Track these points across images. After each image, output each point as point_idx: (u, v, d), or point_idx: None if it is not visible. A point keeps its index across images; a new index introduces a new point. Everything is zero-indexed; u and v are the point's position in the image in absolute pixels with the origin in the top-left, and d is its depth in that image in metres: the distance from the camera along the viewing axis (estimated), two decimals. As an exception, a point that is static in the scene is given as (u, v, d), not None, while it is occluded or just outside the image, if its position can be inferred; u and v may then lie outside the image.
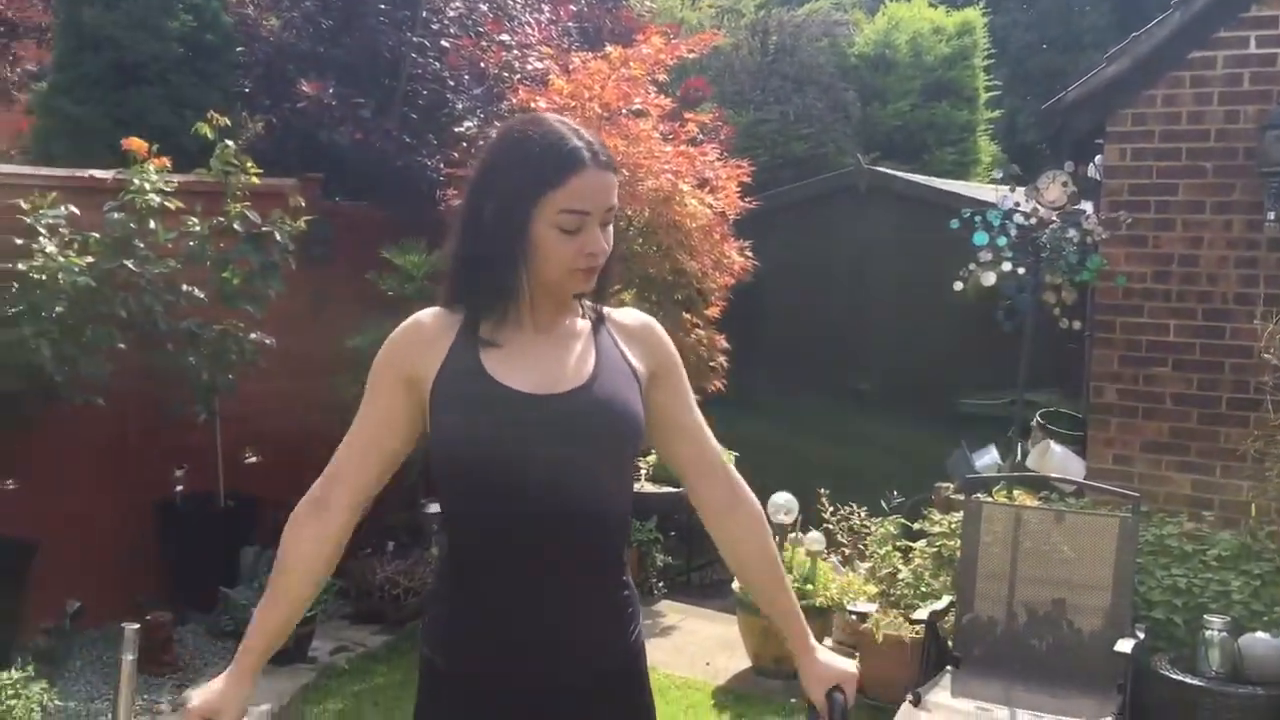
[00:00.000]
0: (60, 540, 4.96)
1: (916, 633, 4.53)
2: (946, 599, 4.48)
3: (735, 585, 5.16)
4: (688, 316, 6.31)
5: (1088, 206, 5.85)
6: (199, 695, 1.84)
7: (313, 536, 1.91)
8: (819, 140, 9.77)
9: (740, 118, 9.10)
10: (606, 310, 2.01)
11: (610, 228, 1.88)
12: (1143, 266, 5.74)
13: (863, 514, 5.62)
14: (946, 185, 8.22)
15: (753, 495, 2.11)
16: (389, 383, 1.92)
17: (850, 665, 2.03)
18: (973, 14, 11.45)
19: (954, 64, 11.06)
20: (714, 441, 2.10)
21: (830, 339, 7.56)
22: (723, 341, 6.39)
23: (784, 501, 5.11)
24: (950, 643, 4.42)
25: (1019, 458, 6.25)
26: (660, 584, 6.29)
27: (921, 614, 4.25)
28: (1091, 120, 6.03)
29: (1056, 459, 5.91)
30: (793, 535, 5.17)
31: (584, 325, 1.98)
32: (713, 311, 6.49)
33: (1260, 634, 4.01)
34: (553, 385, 1.87)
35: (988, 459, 6.54)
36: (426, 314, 1.97)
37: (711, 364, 6.31)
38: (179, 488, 5.53)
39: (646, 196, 5.72)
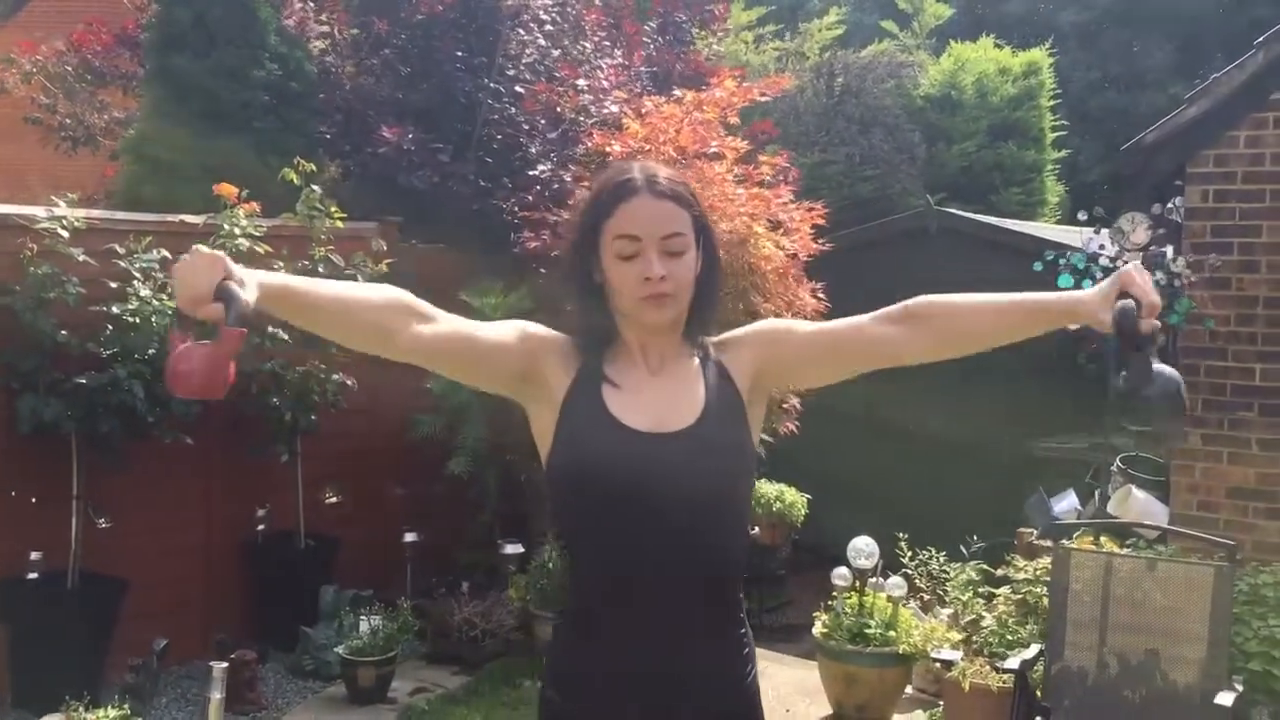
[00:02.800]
0: (148, 578, 5.04)
1: (1004, 682, 4.45)
2: (1035, 648, 4.41)
3: (815, 630, 5.12)
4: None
5: (1168, 249, 5.78)
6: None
7: (405, 312, 1.86)
8: (884, 182, 9.77)
9: (805, 159, 9.13)
10: (712, 340, 2.04)
11: (686, 259, 1.89)
12: (1226, 309, 5.65)
13: (942, 559, 5.54)
14: (1016, 225, 8.17)
15: (906, 302, 2.00)
16: (525, 346, 1.94)
17: (1135, 270, 1.72)
18: (1038, 54, 11.42)
19: (1020, 104, 11.02)
20: (850, 320, 2.03)
21: (902, 381, 7.50)
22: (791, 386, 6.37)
23: (864, 545, 5.08)
24: (1039, 693, 4.34)
25: (1100, 503, 6.16)
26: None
27: (1012, 663, 4.18)
28: (1172, 161, 5.97)
29: (1139, 504, 5.81)
30: (873, 580, 5.12)
31: (695, 364, 2.00)
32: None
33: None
34: (665, 424, 1.90)
35: (1066, 504, 6.46)
36: (563, 336, 2.01)
37: (784, 405, 6.29)
38: (261, 527, 5.60)
39: (722, 239, 5.72)
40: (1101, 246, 5.57)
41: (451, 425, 5.82)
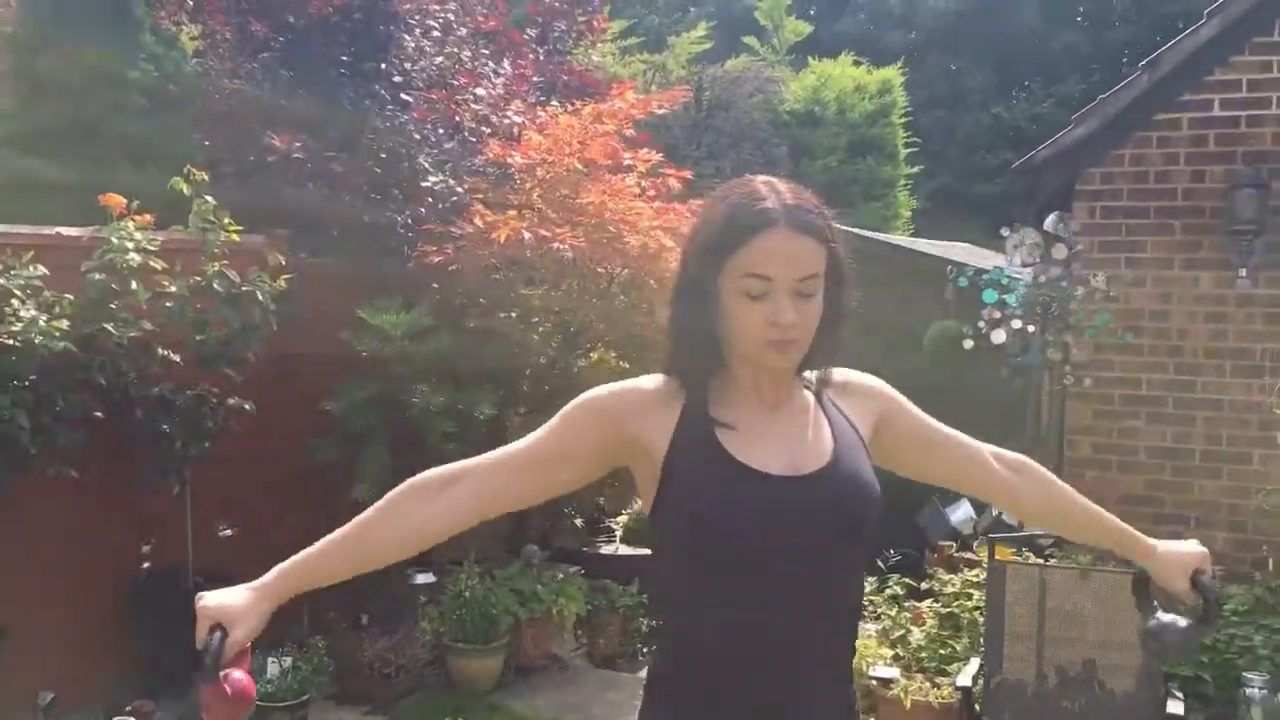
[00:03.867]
0: (28, 624, 4.58)
1: (945, 698, 4.47)
2: (975, 662, 4.44)
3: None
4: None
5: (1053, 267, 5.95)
6: (214, 598, 1.68)
7: (420, 492, 1.76)
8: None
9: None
10: (821, 378, 1.91)
11: (817, 299, 1.73)
12: (1114, 322, 5.86)
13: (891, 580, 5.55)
14: (896, 240, 8.33)
15: (1020, 455, 2.07)
16: (588, 425, 1.78)
17: (1199, 546, 2.01)
18: (891, 72, 11.74)
19: (876, 121, 11.30)
20: (965, 437, 2.02)
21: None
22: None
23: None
24: (978, 706, 4.37)
25: (995, 512, 6.30)
26: (645, 650, 6.12)
27: (964, 679, 4.19)
28: (1061, 179, 6.17)
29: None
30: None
31: (810, 398, 1.87)
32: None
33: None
34: (797, 466, 1.76)
35: (962, 513, 6.59)
36: (647, 380, 1.84)
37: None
38: (146, 565, 5.17)
39: (633, 253, 5.62)
40: (1026, 263, 5.69)
41: (352, 450, 5.52)
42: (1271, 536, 4.87)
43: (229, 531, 5.35)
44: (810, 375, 1.89)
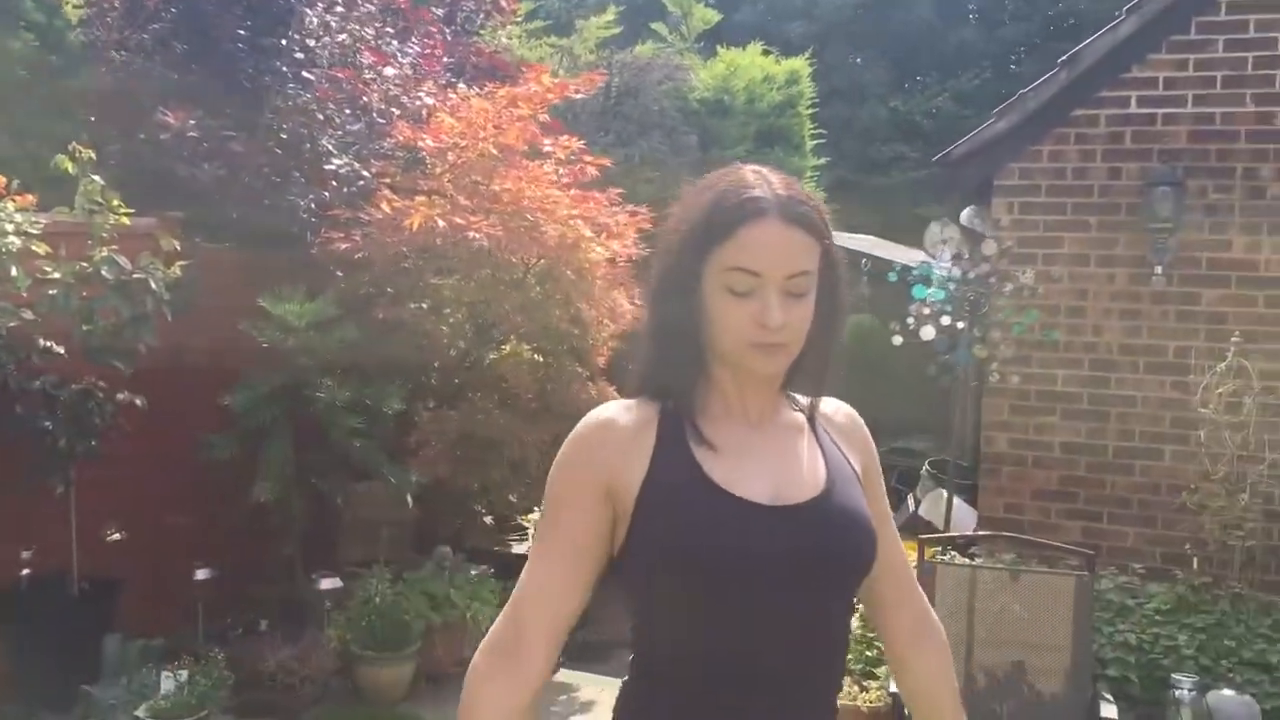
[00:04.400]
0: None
1: (874, 702, 4.38)
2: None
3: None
4: (580, 370, 6.03)
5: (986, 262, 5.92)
6: None
7: (502, 697, 1.59)
8: (664, 184, 9.66)
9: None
10: (811, 401, 1.74)
11: (808, 300, 1.57)
12: (1023, 317, 5.84)
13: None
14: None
15: (936, 617, 1.88)
16: (591, 492, 1.59)
17: None
18: (799, 63, 11.69)
19: (784, 111, 11.23)
20: (905, 554, 1.86)
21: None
22: (614, 393, 6.12)
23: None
24: (908, 710, 4.29)
25: (913, 507, 6.27)
26: (560, 656, 5.93)
27: (894, 684, 4.09)
28: (980, 174, 6.14)
29: (958, 511, 5.94)
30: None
31: (798, 418, 1.70)
32: (599, 361, 6.23)
33: (1226, 691, 4.07)
34: (788, 494, 1.59)
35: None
36: (614, 409, 1.65)
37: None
38: (25, 571, 4.80)
39: (550, 243, 5.42)
40: (955, 256, 5.63)
41: (252, 446, 5.21)
42: (1195, 534, 4.88)
43: (118, 535, 5.02)
44: (800, 397, 1.73)
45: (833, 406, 1.77)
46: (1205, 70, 5.69)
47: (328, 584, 5.12)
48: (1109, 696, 4.08)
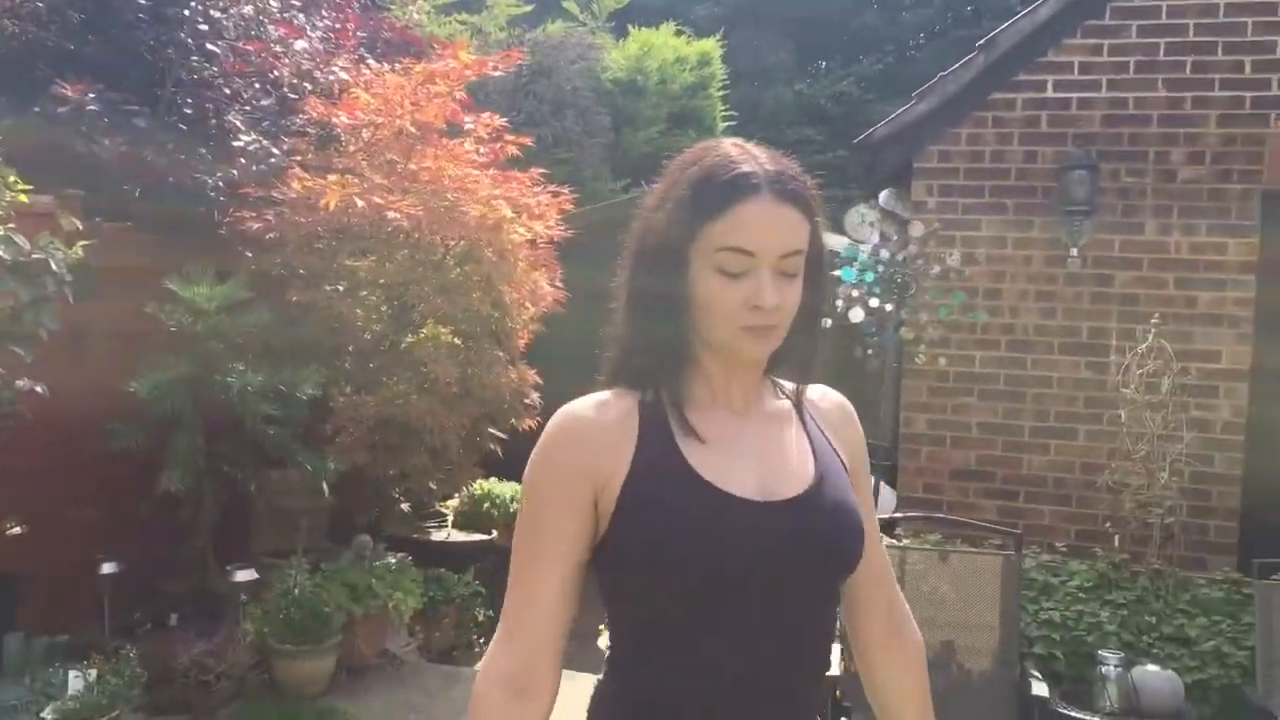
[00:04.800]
0: None
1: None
2: (836, 648, 4.35)
3: (601, 642, 4.81)
4: (501, 354, 5.91)
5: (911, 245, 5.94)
6: None
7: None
8: (577, 165, 9.57)
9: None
10: (797, 389, 1.68)
11: (798, 280, 1.51)
12: (950, 299, 5.90)
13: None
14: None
15: (914, 626, 1.82)
16: (576, 491, 1.51)
17: None
18: (710, 44, 11.65)
19: (696, 93, 11.20)
20: (885, 552, 1.80)
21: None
22: (535, 376, 6.03)
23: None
24: (839, 693, 4.30)
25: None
26: (483, 641, 5.83)
27: (832, 671, 4.09)
28: (900, 156, 6.16)
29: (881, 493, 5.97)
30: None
31: (785, 406, 1.64)
32: (519, 345, 6.13)
33: (1150, 666, 4.14)
34: (776, 489, 1.53)
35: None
36: (589, 402, 1.57)
37: (526, 400, 5.94)
38: (-84, 569, 4.55)
39: (470, 224, 5.29)
40: (883, 237, 5.64)
41: (160, 434, 5.01)
42: (1115, 512, 4.97)
43: (18, 529, 4.76)
44: (785, 384, 1.67)
45: (819, 393, 1.71)
46: (1119, 55, 5.78)
47: (243, 576, 4.94)
48: (1037, 674, 4.13)
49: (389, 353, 5.79)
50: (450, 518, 6.34)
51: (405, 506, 6.32)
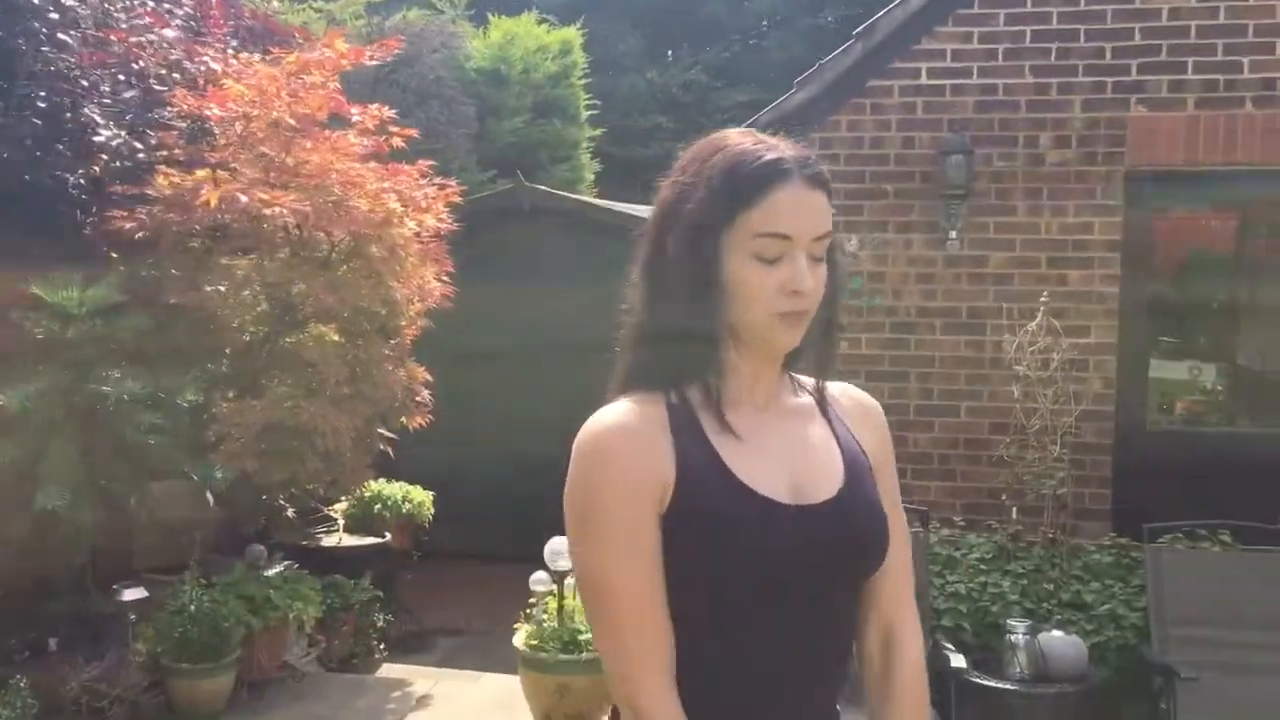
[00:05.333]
0: None
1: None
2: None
3: (519, 642, 4.75)
4: (388, 351, 5.76)
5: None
6: None
7: None
8: (444, 156, 9.39)
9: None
10: (817, 384, 1.66)
11: (824, 266, 1.51)
12: (850, 284, 5.99)
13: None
14: (609, 204, 8.21)
15: (918, 641, 1.72)
16: (643, 503, 1.44)
17: None
18: (571, 33, 11.60)
19: (559, 82, 11.13)
20: (908, 552, 1.74)
21: (508, 368, 7.26)
22: (424, 373, 5.89)
23: (561, 546, 4.76)
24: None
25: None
26: (381, 646, 5.68)
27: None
28: (783, 143, 6.23)
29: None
30: (570, 581, 4.83)
31: (807, 402, 1.62)
32: (407, 341, 5.99)
33: (1055, 632, 4.29)
34: (808, 490, 1.51)
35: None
36: (619, 411, 1.51)
37: (418, 399, 5.81)
38: None
39: (359, 218, 5.13)
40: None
41: (33, 449, 4.71)
42: (1011, 484, 5.13)
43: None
44: (804, 379, 1.65)
45: (839, 389, 1.69)
46: (988, 43, 5.96)
47: (131, 594, 4.70)
48: (950, 646, 4.23)
49: (274, 354, 5.58)
50: (342, 522, 6.15)
51: (291, 513, 6.11)
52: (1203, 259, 7.27)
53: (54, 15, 5.62)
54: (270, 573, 5.16)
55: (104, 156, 5.45)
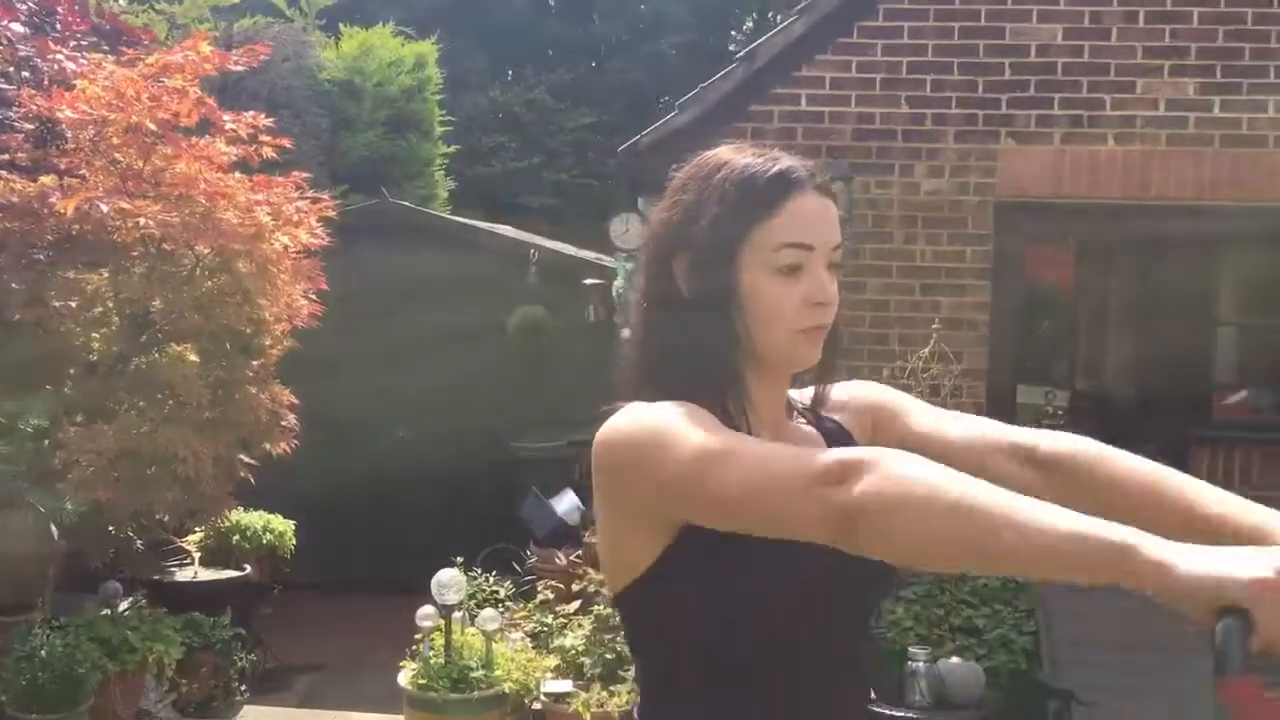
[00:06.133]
0: None
1: (625, 705, 4.26)
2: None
3: (404, 680, 4.50)
4: (251, 373, 5.44)
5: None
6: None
7: None
8: (294, 169, 9.01)
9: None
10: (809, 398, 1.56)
11: (837, 277, 1.43)
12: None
13: (491, 579, 5.22)
14: (480, 224, 8.04)
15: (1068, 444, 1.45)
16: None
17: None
18: (426, 46, 11.34)
19: (413, 96, 10.86)
20: (975, 429, 1.49)
21: (377, 391, 6.97)
22: (289, 396, 5.58)
23: (449, 579, 4.53)
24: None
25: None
26: (242, 688, 5.33)
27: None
28: (664, 165, 6.14)
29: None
30: (458, 615, 4.61)
31: (807, 427, 1.53)
32: (268, 361, 5.67)
33: (954, 659, 4.30)
34: None
35: (568, 503, 6.44)
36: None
37: (283, 423, 5.49)
38: None
39: (231, 232, 4.82)
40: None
41: None
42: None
43: None
44: (796, 396, 1.55)
45: (838, 396, 1.59)
46: (866, 72, 6.05)
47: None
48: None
49: (125, 375, 5.19)
50: (195, 554, 5.77)
51: (140, 545, 5.69)
52: (1063, 287, 7.58)
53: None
54: (124, 611, 4.77)
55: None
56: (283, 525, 6.07)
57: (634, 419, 1.33)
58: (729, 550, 1.31)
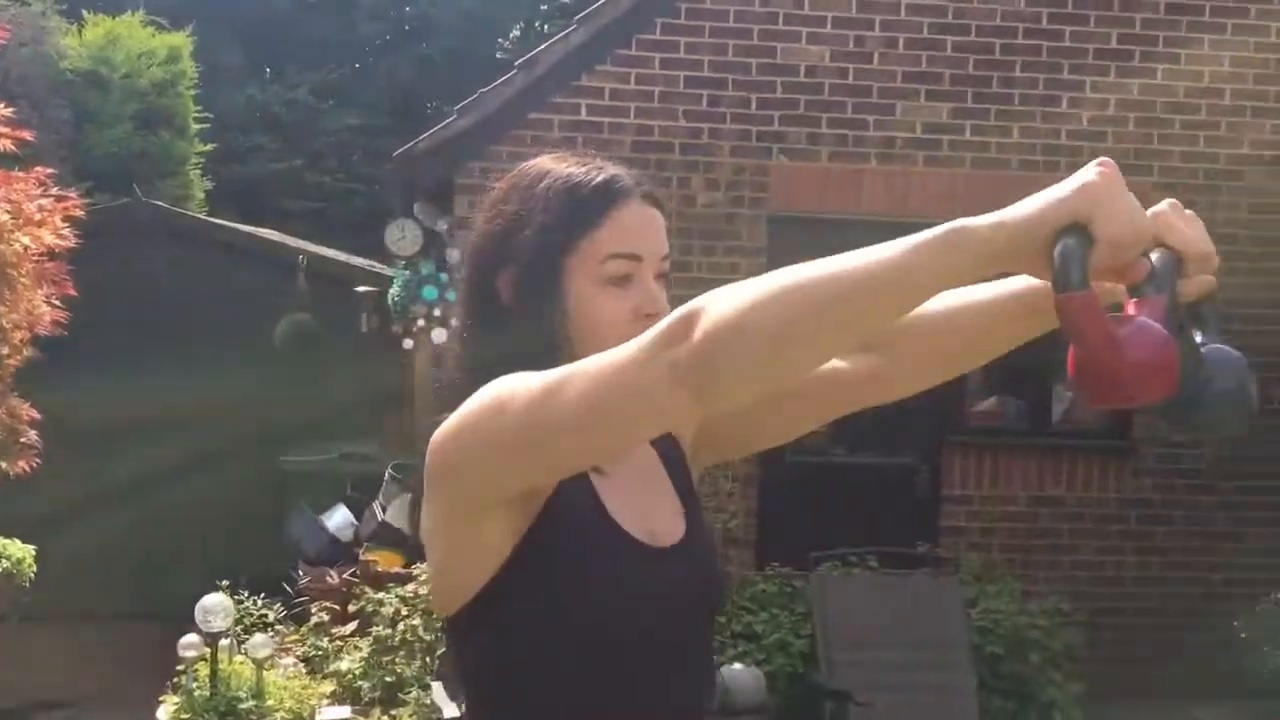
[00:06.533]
0: None
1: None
2: (438, 686, 4.14)
3: (163, 716, 4.18)
4: (-11, 386, 4.99)
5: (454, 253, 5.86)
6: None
7: None
8: (33, 164, 8.35)
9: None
10: None
11: (665, 292, 1.40)
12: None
13: (260, 602, 4.96)
14: (233, 225, 7.64)
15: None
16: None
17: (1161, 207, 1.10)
18: (180, 39, 10.75)
19: (165, 90, 10.27)
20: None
21: (129, 404, 6.50)
22: (30, 411, 5.15)
23: (215, 604, 4.24)
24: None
25: (380, 514, 6.02)
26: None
27: (450, 709, 3.87)
28: (443, 171, 6.05)
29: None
30: (225, 642, 4.32)
31: None
32: (5, 373, 5.21)
33: (736, 665, 4.36)
34: (660, 532, 1.40)
35: (339, 518, 6.23)
36: None
37: (22, 440, 5.06)
38: None
39: (-38, 232, 4.40)
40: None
41: None
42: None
43: None
44: None
45: None
46: (645, 85, 6.10)
47: None
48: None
49: None
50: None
51: None
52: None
53: None
54: None
55: None
56: (21, 551, 5.57)
57: (461, 409, 1.24)
58: (566, 566, 1.30)
